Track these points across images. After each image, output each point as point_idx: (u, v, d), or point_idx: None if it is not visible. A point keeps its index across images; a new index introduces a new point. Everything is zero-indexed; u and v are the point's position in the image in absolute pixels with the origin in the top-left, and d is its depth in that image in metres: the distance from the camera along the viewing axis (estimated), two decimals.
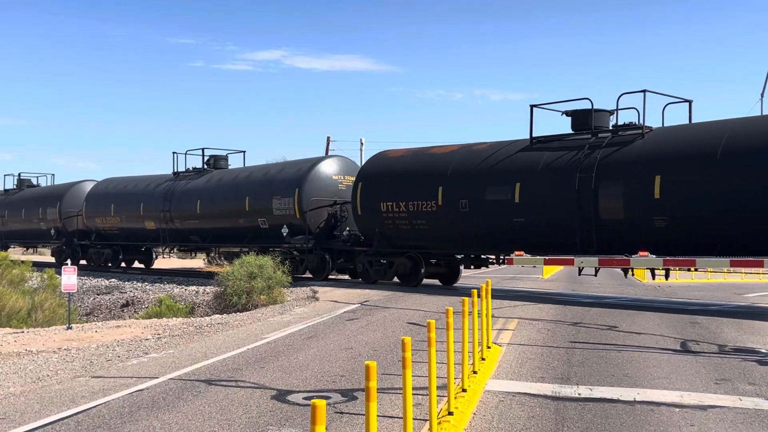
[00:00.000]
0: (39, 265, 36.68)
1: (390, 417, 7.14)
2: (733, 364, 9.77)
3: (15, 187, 44.16)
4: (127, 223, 33.21)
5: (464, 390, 7.86)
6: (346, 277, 26.07)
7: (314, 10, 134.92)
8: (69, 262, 36.23)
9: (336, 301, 18.18)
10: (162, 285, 27.41)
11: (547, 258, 18.35)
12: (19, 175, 44.01)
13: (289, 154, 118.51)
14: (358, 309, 16.53)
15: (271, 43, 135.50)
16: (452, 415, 6.95)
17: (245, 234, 27.08)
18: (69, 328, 16.26)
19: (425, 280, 22.24)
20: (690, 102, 18.52)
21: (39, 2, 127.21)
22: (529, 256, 18.77)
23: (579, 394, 8.13)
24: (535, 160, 18.91)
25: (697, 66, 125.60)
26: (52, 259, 40.24)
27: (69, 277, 16.94)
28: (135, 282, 28.80)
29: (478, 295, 9.40)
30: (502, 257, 20.05)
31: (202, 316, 19.38)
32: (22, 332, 15.95)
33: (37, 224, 39.25)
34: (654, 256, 16.35)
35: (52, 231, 37.96)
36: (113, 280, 29.96)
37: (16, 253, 47.09)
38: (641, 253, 16.46)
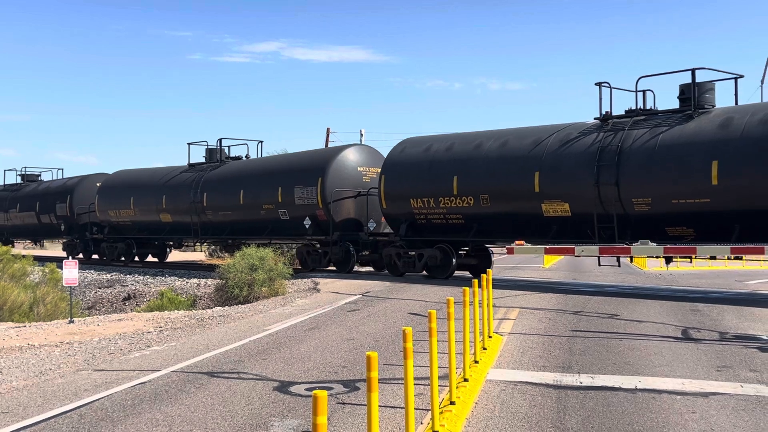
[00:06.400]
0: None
1: (392, 407, 7.16)
2: (734, 351, 9.79)
3: (207, 160, 30.63)
4: (483, 206, 20.02)
5: (466, 380, 7.87)
6: None
7: (312, 1, 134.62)
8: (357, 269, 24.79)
9: (337, 293, 18.20)
10: (163, 278, 27.46)
11: (547, 247, 18.35)
12: (219, 142, 30.34)
13: (289, 146, 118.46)
14: (360, 300, 16.55)
15: (268, 35, 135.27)
16: (454, 404, 6.97)
17: None
18: (71, 321, 16.28)
19: None
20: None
21: None
22: (529, 245, 18.76)
23: (580, 383, 8.15)
24: None
25: (696, 50, 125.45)
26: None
27: (70, 271, 16.96)
28: (136, 275, 28.84)
29: (479, 285, 9.41)
30: None
31: (203, 309, 19.42)
32: (25, 326, 15.98)
33: (274, 212, 26.00)
34: (654, 244, 16.35)
35: (307, 222, 24.80)
36: (115, 273, 30.01)
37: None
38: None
